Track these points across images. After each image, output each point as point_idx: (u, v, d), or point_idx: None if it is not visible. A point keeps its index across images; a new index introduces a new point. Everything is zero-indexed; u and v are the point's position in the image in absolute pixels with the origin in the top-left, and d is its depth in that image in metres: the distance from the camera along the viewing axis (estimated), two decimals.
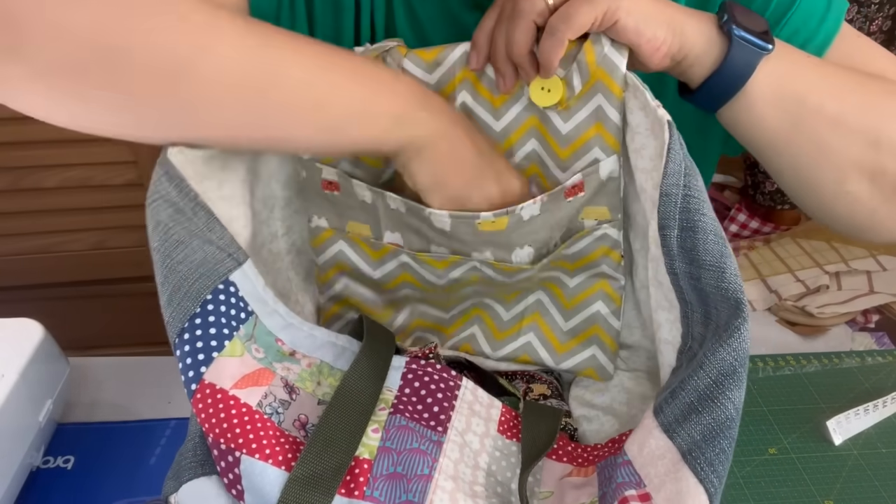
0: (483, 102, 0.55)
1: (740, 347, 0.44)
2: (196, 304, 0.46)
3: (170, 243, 0.47)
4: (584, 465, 0.53)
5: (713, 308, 0.47)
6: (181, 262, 0.47)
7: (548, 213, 0.55)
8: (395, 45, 0.54)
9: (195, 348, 0.45)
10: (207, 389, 0.44)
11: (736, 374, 0.43)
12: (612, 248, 0.58)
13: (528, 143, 0.56)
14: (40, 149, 1.29)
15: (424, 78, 0.54)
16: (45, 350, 0.65)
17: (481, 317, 0.64)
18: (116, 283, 1.47)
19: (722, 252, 0.46)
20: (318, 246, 0.61)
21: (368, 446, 0.46)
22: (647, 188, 0.51)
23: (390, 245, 0.58)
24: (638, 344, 0.63)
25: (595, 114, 0.53)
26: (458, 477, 0.47)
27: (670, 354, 0.52)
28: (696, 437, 0.43)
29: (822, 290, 1.18)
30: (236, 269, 0.49)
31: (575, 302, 0.62)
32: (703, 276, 0.46)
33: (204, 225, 0.49)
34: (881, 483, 0.65)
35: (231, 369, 0.46)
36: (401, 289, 0.62)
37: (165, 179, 0.48)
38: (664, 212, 0.48)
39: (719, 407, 0.43)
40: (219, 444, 0.43)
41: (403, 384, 0.52)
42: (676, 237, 0.48)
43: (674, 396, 0.46)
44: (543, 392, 0.63)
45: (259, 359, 0.48)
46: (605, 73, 0.51)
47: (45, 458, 0.66)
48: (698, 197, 0.47)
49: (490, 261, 0.57)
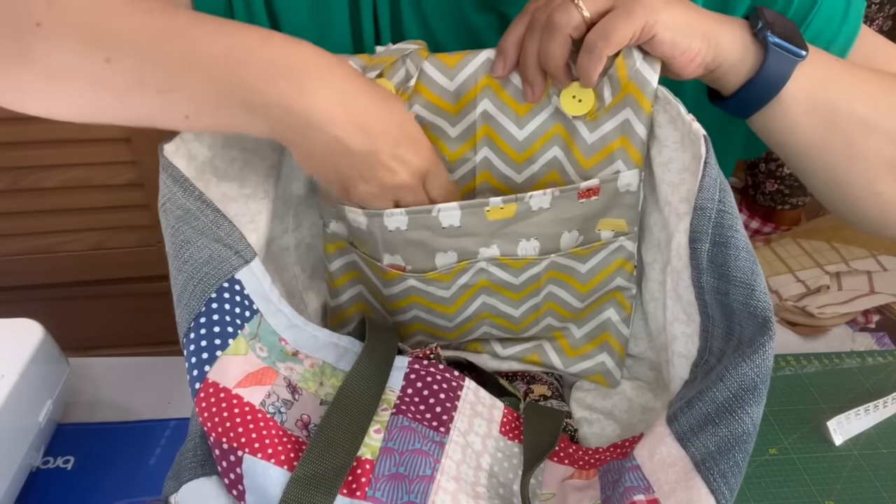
0: (506, 110, 0.54)
1: (763, 364, 0.44)
2: (201, 304, 0.46)
3: (177, 243, 0.47)
4: (585, 467, 0.53)
5: (737, 324, 0.47)
6: (187, 262, 0.47)
7: (558, 209, 0.55)
8: (416, 49, 0.53)
9: (200, 347, 0.45)
10: (211, 388, 0.44)
11: (757, 389, 0.43)
12: (627, 259, 0.58)
13: (550, 150, 0.55)
14: (40, 149, 1.29)
15: (444, 83, 0.53)
16: (45, 350, 0.65)
17: (491, 319, 0.63)
18: (116, 284, 1.48)
19: (752, 269, 0.46)
20: (333, 252, 0.60)
21: (370, 447, 0.46)
22: (672, 201, 0.51)
23: (393, 271, 0.57)
24: (642, 355, 0.63)
25: (622, 127, 0.52)
26: (461, 478, 0.47)
27: (683, 367, 0.52)
28: (711, 447, 0.43)
29: (823, 290, 1.18)
30: (243, 266, 0.50)
31: (588, 311, 0.62)
32: (731, 292, 0.46)
33: (211, 223, 0.49)
34: (882, 483, 0.65)
35: (235, 368, 0.46)
36: (409, 310, 0.61)
37: (170, 182, 0.48)
38: (697, 225, 0.47)
39: (737, 420, 0.43)
40: (221, 444, 0.43)
41: (406, 384, 0.52)
42: (707, 251, 0.47)
43: (690, 407, 0.46)
44: (544, 393, 0.63)
45: (263, 358, 0.48)
46: (636, 88, 0.50)
47: (44, 459, 0.66)
48: (731, 213, 0.47)
49: (496, 256, 0.56)
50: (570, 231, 0.56)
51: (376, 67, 0.51)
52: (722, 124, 0.60)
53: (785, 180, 1.35)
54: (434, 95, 0.54)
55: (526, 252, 0.56)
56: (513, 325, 0.63)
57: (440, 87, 0.53)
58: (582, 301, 0.61)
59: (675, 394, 0.51)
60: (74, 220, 1.39)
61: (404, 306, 0.61)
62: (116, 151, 1.32)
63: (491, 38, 0.57)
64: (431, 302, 0.60)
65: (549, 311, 0.62)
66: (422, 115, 0.54)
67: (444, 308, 0.60)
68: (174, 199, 0.48)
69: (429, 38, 0.59)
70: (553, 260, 0.58)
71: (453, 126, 0.55)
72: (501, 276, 0.58)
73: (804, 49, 0.50)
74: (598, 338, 0.63)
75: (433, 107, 0.54)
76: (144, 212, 1.39)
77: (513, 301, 0.61)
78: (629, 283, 0.60)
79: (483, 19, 0.57)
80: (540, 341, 0.65)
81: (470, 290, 0.59)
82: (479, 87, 0.53)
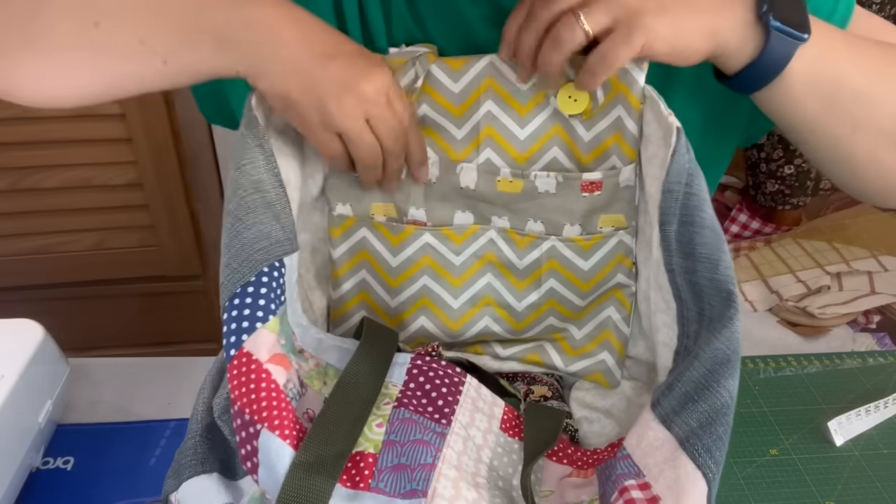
0: (508, 111, 0.56)
1: (733, 337, 0.45)
2: (252, 273, 0.47)
3: (244, 208, 0.49)
4: (583, 467, 0.53)
5: (707, 304, 0.48)
6: (249, 228, 0.48)
7: (562, 197, 0.58)
8: (425, 52, 0.55)
9: (242, 315, 0.46)
10: (244, 358, 0.45)
11: (730, 362, 0.44)
12: (626, 255, 0.60)
13: (550, 150, 0.57)
14: (40, 149, 1.29)
15: (449, 85, 0.56)
16: (45, 351, 0.65)
17: (493, 308, 0.64)
18: (116, 284, 1.48)
19: (717, 247, 0.47)
20: (339, 236, 0.62)
21: (373, 441, 0.46)
22: (653, 194, 0.52)
23: (412, 226, 0.60)
24: (640, 356, 0.63)
25: (615, 124, 0.55)
26: (461, 467, 0.47)
27: (667, 357, 0.53)
28: (693, 424, 0.44)
29: (824, 290, 1.18)
30: (291, 254, 0.51)
31: (589, 309, 0.63)
32: (698, 269, 0.48)
33: (278, 202, 0.50)
34: (882, 484, 0.65)
35: (269, 342, 0.46)
36: (417, 278, 0.62)
37: (258, 150, 0.50)
38: (665, 207, 0.49)
39: (714, 395, 0.44)
40: (243, 414, 0.43)
41: (408, 379, 0.52)
42: (675, 232, 0.49)
43: (670, 389, 0.47)
44: (544, 394, 0.63)
45: (282, 345, 0.49)
46: (625, 87, 0.53)
47: (44, 459, 0.66)
48: (699, 196, 0.48)
49: (506, 228, 0.60)
50: (573, 225, 0.59)
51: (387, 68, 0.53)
52: (719, 114, 0.60)
53: (786, 180, 1.35)
54: (440, 96, 0.56)
55: (532, 230, 0.60)
56: (514, 322, 0.64)
57: (446, 88, 0.56)
58: (583, 299, 0.62)
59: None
60: (75, 221, 1.39)
61: (413, 274, 0.62)
62: (117, 152, 1.32)
63: (483, 29, 0.58)
64: (441, 266, 0.62)
65: (550, 309, 0.63)
66: (429, 116, 0.57)
67: (451, 279, 0.62)
68: (256, 164, 0.50)
69: (420, 29, 0.59)
70: (554, 245, 0.60)
71: (458, 128, 0.57)
72: (507, 255, 0.61)
73: (807, 31, 0.50)
74: (598, 337, 0.63)
75: (439, 107, 0.57)
76: (144, 212, 1.39)
77: (516, 290, 0.62)
78: (629, 280, 0.61)
79: (476, 11, 0.57)
80: (540, 342, 0.65)
81: (478, 260, 0.62)
82: (482, 88, 0.56)
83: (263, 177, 0.50)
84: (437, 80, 0.56)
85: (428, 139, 0.58)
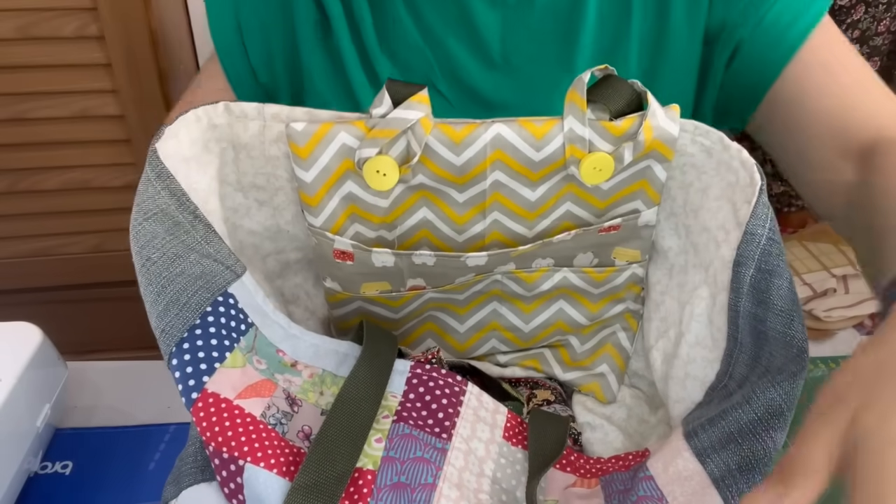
0: (519, 178, 0.52)
1: (793, 393, 0.44)
2: (196, 315, 0.45)
3: (167, 256, 0.46)
4: (586, 476, 0.53)
5: (767, 352, 0.47)
6: (179, 275, 0.46)
7: (578, 240, 0.56)
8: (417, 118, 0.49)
9: (196, 358, 0.44)
10: (210, 398, 0.44)
11: (783, 415, 0.44)
12: (636, 283, 0.60)
13: (563, 205, 0.55)
14: (39, 150, 1.29)
15: (451, 159, 0.51)
16: (44, 354, 0.65)
17: (500, 331, 0.63)
18: (115, 287, 1.47)
19: (793, 300, 0.46)
20: (335, 302, 0.60)
21: (372, 457, 0.46)
22: (710, 227, 0.51)
23: (412, 291, 0.58)
24: (640, 371, 0.63)
25: (642, 172, 0.53)
26: (463, 485, 0.47)
27: (696, 390, 0.52)
28: (732, 466, 0.43)
29: (830, 293, 1.17)
30: (235, 280, 0.49)
31: (594, 326, 0.63)
32: (769, 320, 0.46)
33: (202, 238, 0.48)
34: None
35: (233, 380, 0.45)
36: (422, 314, 0.62)
37: (166, 194, 0.47)
38: (745, 250, 0.47)
39: (760, 442, 0.43)
40: (221, 454, 0.42)
41: (408, 389, 0.51)
42: (751, 276, 0.47)
43: (712, 425, 0.46)
44: (547, 398, 0.62)
45: (261, 370, 0.48)
46: (660, 143, 0.51)
47: (42, 464, 0.66)
48: (779, 242, 0.47)
49: (512, 270, 0.58)
50: (585, 252, 0.58)
51: (375, 143, 0.49)
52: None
53: None
54: (440, 169, 0.52)
55: (539, 266, 0.58)
56: (521, 342, 0.64)
57: (446, 161, 0.51)
58: (591, 320, 0.62)
59: (685, 415, 0.52)
60: (73, 223, 1.39)
61: (419, 315, 0.62)
62: (116, 153, 1.31)
63: (481, 9, 0.56)
64: (446, 303, 0.61)
65: (558, 329, 0.63)
66: (427, 184, 0.53)
67: (457, 309, 0.61)
68: (167, 210, 0.47)
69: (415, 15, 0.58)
70: (566, 276, 0.59)
71: (461, 192, 0.53)
72: (514, 288, 0.60)
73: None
74: (599, 350, 0.63)
75: (439, 178, 0.52)
76: None
77: (523, 313, 0.62)
78: (637, 305, 0.61)
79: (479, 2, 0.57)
80: (541, 349, 0.65)
81: (483, 295, 0.60)
82: (488, 161, 0.51)
83: (179, 218, 0.47)
84: (437, 154, 0.51)
85: (428, 203, 0.54)
